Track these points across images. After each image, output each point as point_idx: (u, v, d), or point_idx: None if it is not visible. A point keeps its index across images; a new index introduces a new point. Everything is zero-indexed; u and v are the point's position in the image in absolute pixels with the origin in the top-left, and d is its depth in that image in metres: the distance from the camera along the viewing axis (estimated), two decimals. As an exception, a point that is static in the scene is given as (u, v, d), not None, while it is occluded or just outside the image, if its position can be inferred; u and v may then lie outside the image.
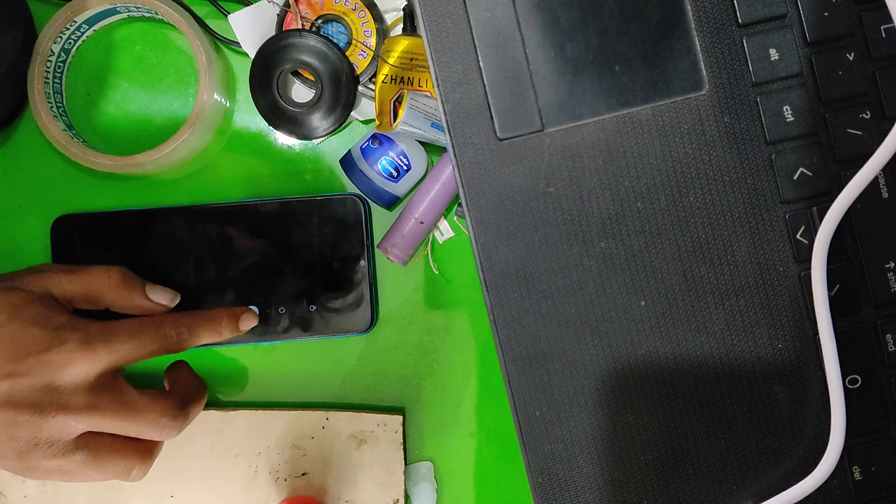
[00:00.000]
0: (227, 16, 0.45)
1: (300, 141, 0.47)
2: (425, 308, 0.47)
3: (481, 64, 0.38)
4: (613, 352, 0.38)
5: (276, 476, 0.46)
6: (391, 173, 0.44)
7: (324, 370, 0.47)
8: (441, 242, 0.47)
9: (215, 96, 0.45)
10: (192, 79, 0.47)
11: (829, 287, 0.38)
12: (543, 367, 0.38)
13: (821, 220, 0.38)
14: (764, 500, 0.38)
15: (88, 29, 0.46)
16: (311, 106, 0.44)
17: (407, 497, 0.47)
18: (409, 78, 0.44)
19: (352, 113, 0.45)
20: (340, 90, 0.44)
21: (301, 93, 0.46)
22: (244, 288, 0.46)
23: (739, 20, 0.38)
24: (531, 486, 0.39)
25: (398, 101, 0.44)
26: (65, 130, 0.44)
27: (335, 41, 0.44)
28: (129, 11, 0.45)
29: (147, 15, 0.45)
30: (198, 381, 0.44)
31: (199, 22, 0.46)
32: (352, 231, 0.46)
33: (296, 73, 0.45)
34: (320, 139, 0.47)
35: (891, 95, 0.38)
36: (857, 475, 0.39)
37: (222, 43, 0.46)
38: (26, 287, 0.39)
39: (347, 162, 0.45)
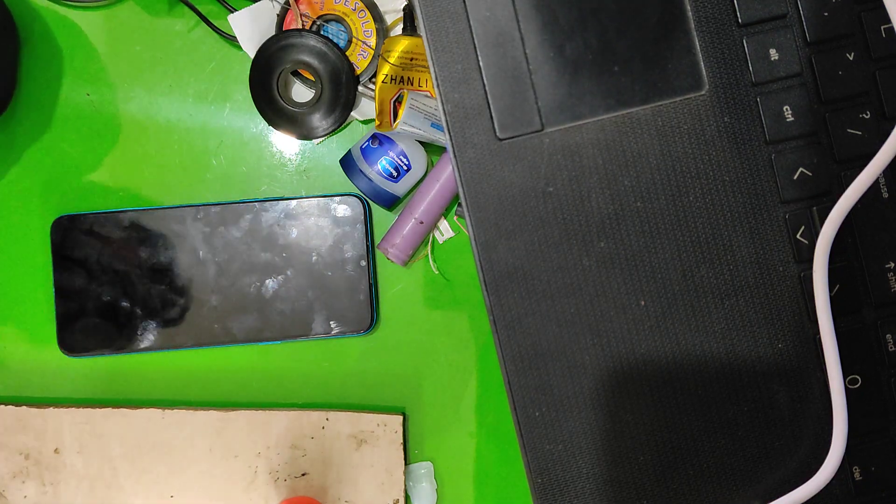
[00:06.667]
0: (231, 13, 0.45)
1: (300, 141, 0.47)
2: (425, 308, 0.47)
3: (481, 64, 0.38)
4: (613, 352, 0.38)
5: (276, 476, 0.46)
6: (391, 173, 0.44)
7: (324, 370, 0.47)
8: (441, 242, 0.47)
9: None
10: (192, 79, 0.47)
11: (830, 287, 0.38)
12: (543, 367, 0.38)
13: (821, 220, 0.38)
14: (767, 503, 0.38)
15: None
16: (311, 106, 0.44)
17: (407, 497, 0.47)
18: (409, 78, 0.44)
19: (352, 113, 0.45)
20: (340, 90, 0.44)
21: (301, 93, 0.46)
22: (244, 287, 0.46)
23: (739, 20, 0.38)
24: (531, 486, 0.39)
25: (398, 101, 0.44)
26: None
27: (335, 41, 0.44)
28: None
29: None
30: None
31: (205, 20, 0.46)
32: (352, 231, 0.46)
33: (296, 73, 0.45)
34: (320, 139, 0.47)
35: (891, 95, 0.38)
36: (857, 475, 0.39)
37: (227, 40, 0.46)
38: None
39: (347, 162, 0.45)
